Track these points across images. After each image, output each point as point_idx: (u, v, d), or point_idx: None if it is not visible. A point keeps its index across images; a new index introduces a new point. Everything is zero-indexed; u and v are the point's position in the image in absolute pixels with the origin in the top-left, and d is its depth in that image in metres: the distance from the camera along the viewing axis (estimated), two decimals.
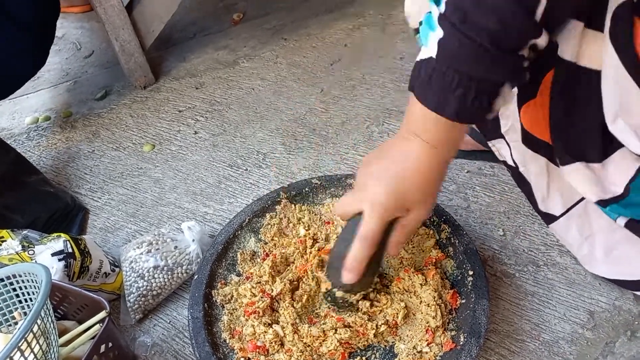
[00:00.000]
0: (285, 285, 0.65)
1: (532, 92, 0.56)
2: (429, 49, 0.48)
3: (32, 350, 0.50)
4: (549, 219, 0.66)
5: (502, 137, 0.66)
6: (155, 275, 0.72)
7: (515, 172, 0.67)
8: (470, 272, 0.65)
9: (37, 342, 0.52)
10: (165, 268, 0.72)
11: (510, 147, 0.65)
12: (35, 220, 0.80)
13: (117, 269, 0.74)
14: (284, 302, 0.64)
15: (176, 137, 1.02)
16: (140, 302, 0.71)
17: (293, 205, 0.76)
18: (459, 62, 0.46)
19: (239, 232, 0.73)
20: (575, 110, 0.52)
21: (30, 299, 0.61)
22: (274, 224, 0.74)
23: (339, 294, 0.60)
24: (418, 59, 0.50)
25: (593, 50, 0.48)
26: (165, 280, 0.72)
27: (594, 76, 0.49)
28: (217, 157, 0.97)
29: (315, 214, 0.76)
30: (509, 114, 0.61)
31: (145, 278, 0.71)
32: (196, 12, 1.38)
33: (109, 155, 1.00)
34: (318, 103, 1.06)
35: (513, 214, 0.80)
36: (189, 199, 0.89)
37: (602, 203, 0.57)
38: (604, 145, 0.52)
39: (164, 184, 0.93)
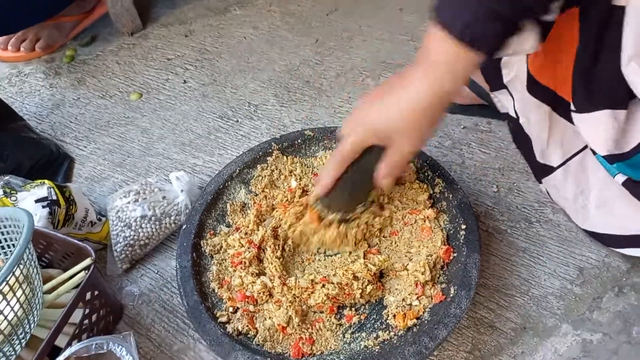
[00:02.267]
0: (266, 231, 0.64)
1: (541, 36, 0.53)
2: None
3: (14, 295, 0.49)
4: (546, 170, 0.65)
5: (505, 87, 0.63)
6: (143, 225, 0.70)
7: (515, 124, 0.65)
8: (463, 227, 0.64)
9: (21, 288, 0.51)
10: (152, 218, 0.71)
11: (513, 98, 0.63)
12: (18, 167, 0.78)
13: (103, 219, 0.73)
14: (268, 252, 0.63)
15: (164, 86, 0.98)
16: (127, 252, 0.70)
17: (285, 157, 0.74)
18: None
19: (229, 183, 0.71)
20: (605, 52, 0.49)
21: (13, 245, 0.59)
22: (265, 176, 0.72)
23: (316, 206, 0.61)
24: None
25: None
26: (153, 230, 0.71)
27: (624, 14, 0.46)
28: (206, 107, 0.94)
29: (307, 167, 0.74)
30: (513, 63, 0.59)
31: (132, 228, 0.70)
32: None
33: (94, 103, 0.96)
34: (312, 54, 1.02)
35: (507, 171, 0.79)
36: (177, 150, 0.87)
37: (610, 159, 0.55)
38: (630, 90, 0.50)
39: (152, 133, 0.90)
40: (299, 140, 0.75)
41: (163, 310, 0.67)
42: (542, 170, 0.65)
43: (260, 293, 0.60)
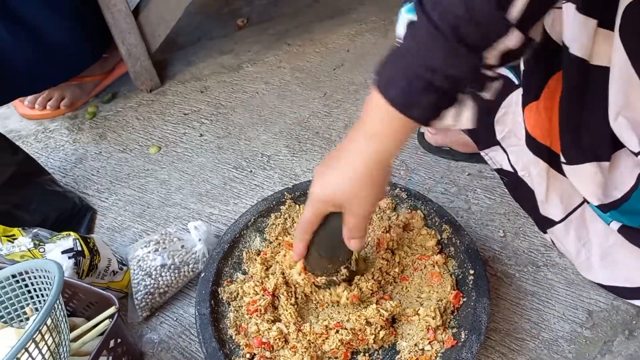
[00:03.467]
0: (277, 279, 0.67)
1: (536, 93, 0.57)
2: (401, 32, 0.49)
3: (45, 343, 0.51)
4: (548, 223, 0.67)
5: (497, 144, 0.67)
6: (162, 274, 0.73)
7: (512, 177, 0.68)
8: (471, 272, 0.66)
9: (51, 336, 0.53)
10: (172, 266, 0.74)
11: (507, 153, 0.66)
12: (44, 219, 0.82)
13: (124, 268, 0.76)
14: (282, 300, 0.65)
15: (182, 139, 1.04)
16: (148, 300, 0.73)
17: (297, 206, 0.78)
18: (418, 47, 0.44)
19: (245, 232, 0.75)
20: (587, 108, 0.52)
21: (41, 295, 0.62)
22: (279, 224, 0.76)
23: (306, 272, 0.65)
24: None
25: (604, 48, 0.49)
26: (172, 278, 0.74)
27: (606, 74, 0.50)
28: (222, 159, 0.98)
29: None
30: (507, 120, 0.63)
31: (153, 276, 0.73)
32: (201, 17, 1.40)
33: (115, 156, 1.01)
34: (321, 107, 1.08)
35: (513, 216, 0.82)
36: (194, 200, 0.91)
37: (602, 208, 0.58)
38: (614, 142, 0.53)
39: (170, 185, 0.94)
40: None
41: (182, 358, 0.68)
42: (545, 222, 0.68)
43: (276, 339, 0.62)
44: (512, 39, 0.43)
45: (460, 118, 0.47)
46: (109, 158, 1.01)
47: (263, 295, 0.65)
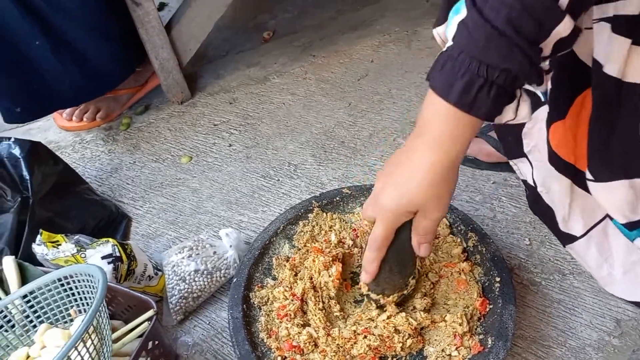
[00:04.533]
0: (305, 284, 0.69)
1: (562, 112, 0.58)
2: (450, 35, 0.48)
3: (92, 342, 0.55)
4: (569, 239, 0.67)
5: (525, 155, 0.68)
6: (196, 279, 0.76)
7: (533, 192, 0.68)
8: (498, 279, 0.67)
9: (96, 336, 0.57)
10: (205, 272, 0.77)
11: (532, 167, 0.67)
12: (83, 226, 0.86)
13: (159, 273, 0.79)
14: (311, 305, 0.67)
15: (212, 149, 1.07)
16: (182, 304, 0.76)
17: (325, 214, 0.80)
18: (472, 44, 0.44)
19: (274, 239, 0.77)
20: (619, 125, 0.52)
21: (84, 298, 0.66)
22: (307, 231, 0.78)
23: (373, 296, 0.64)
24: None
25: (638, 66, 0.49)
26: (205, 283, 0.77)
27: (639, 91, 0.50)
28: (250, 168, 1.02)
29: (345, 222, 0.80)
30: (534, 133, 0.63)
31: (187, 281, 0.76)
32: (228, 31, 1.45)
33: (149, 166, 1.06)
34: (346, 116, 1.10)
35: (539, 224, 0.82)
36: (224, 208, 0.94)
37: (628, 226, 0.58)
38: None
39: (201, 193, 0.98)
40: (338, 198, 0.81)
41: None
42: (565, 238, 0.68)
43: (306, 343, 0.64)
44: (565, 27, 0.42)
45: (520, 112, 0.47)
46: (142, 167, 1.06)
47: (292, 300, 0.68)
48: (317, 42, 1.35)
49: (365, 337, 0.63)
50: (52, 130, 1.20)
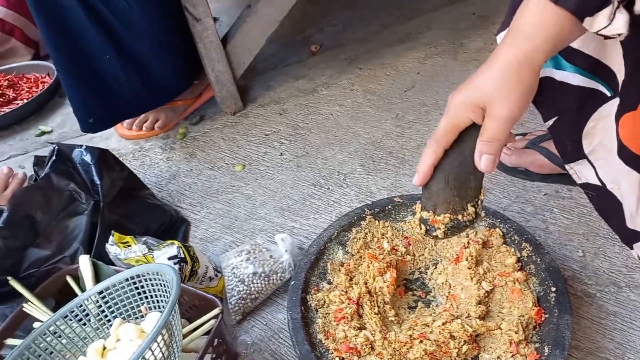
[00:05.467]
0: (361, 288, 0.71)
1: (633, 104, 0.56)
2: None
3: (163, 338, 0.59)
4: (636, 237, 0.67)
5: (584, 157, 0.68)
6: (254, 281, 0.80)
7: (600, 191, 0.68)
8: (553, 289, 0.67)
9: (167, 332, 0.61)
10: (262, 274, 0.80)
11: (595, 167, 0.67)
12: (147, 229, 0.92)
13: (219, 274, 0.83)
14: (366, 309, 0.69)
15: (264, 158, 1.12)
16: (241, 305, 0.79)
17: (377, 221, 0.83)
18: None
19: (329, 244, 0.80)
20: None
21: (153, 296, 0.70)
22: (360, 238, 0.81)
23: (423, 214, 0.58)
24: None
25: None
26: (263, 285, 0.80)
27: None
28: (301, 176, 1.05)
29: (397, 230, 0.82)
30: (596, 132, 0.63)
31: (245, 283, 0.80)
32: (277, 45, 1.50)
33: (205, 173, 1.11)
34: (393, 127, 1.12)
35: (592, 236, 0.82)
36: (277, 214, 0.98)
37: None
38: None
39: (255, 200, 1.02)
40: (389, 206, 0.83)
41: (272, 359, 0.74)
42: (632, 236, 0.68)
43: (363, 345, 0.66)
44: None
45: (615, 21, 0.45)
46: (199, 175, 1.11)
47: (349, 304, 0.70)
48: (363, 55, 1.38)
49: (421, 341, 0.65)
50: (113, 138, 1.27)
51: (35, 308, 0.73)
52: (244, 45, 1.20)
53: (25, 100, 1.43)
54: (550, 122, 0.66)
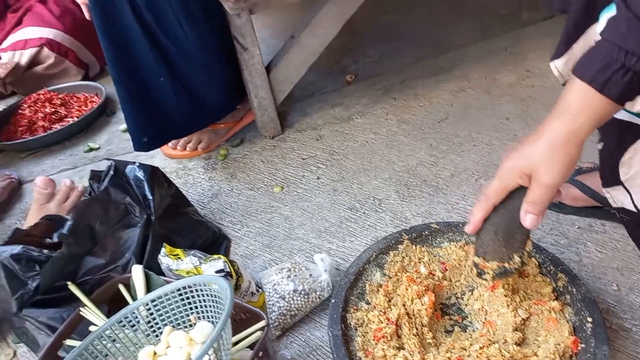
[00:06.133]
0: (400, 310, 0.74)
1: None
2: (599, 30, 0.53)
3: (221, 346, 0.62)
4: None
5: (620, 184, 0.70)
6: (294, 298, 0.83)
7: (635, 217, 0.70)
8: (589, 319, 0.69)
9: (217, 342, 0.64)
10: (302, 292, 0.84)
11: (630, 193, 0.69)
12: (192, 244, 0.96)
13: (260, 290, 0.87)
14: (405, 329, 0.72)
15: (301, 181, 1.17)
16: (280, 320, 0.83)
17: (414, 246, 0.86)
18: (615, 33, 0.49)
19: (367, 266, 0.83)
20: None
21: (201, 306, 0.74)
22: (397, 261, 0.84)
23: (475, 258, 0.68)
24: None
25: None
26: (302, 302, 0.83)
27: None
28: (337, 200, 1.09)
29: (434, 255, 0.85)
30: (633, 163, 0.66)
31: (286, 299, 0.83)
32: (314, 74, 1.56)
33: (245, 193, 1.16)
34: (427, 156, 1.16)
35: (627, 271, 0.83)
36: (314, 235, 1.02)
37: None
38: None
39: (293, 221, 1.06)
40: (426, 232, 0.87)
41: None
42: None
43: None
44: None
45: None
46: (239, 195, 1.16)
47: (387, 324, 0.73)
48: (397, 86, 1.43)
49: None
50: (158, 157, 1.34)
51: (91, 312, 0.78)
52: (286, 73, 1.27)
53: (76, 119, 1.52)
54: (599, 145, 0.70)
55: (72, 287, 0.79)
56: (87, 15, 1.35)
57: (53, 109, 1.55)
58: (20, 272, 0.76)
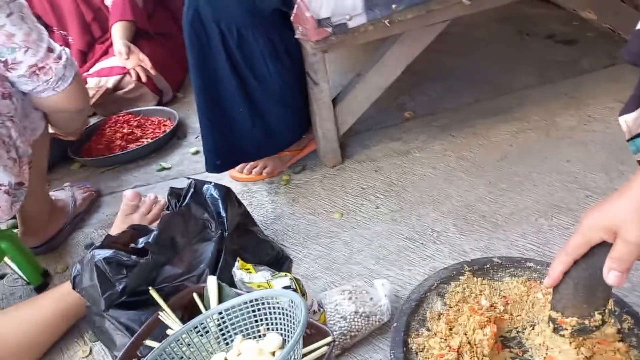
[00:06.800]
0: (462, 338, 0.75)
1: None
2: None
3: (296, 356, 0.67)
4: None
5: None
6: (355, 319, 0.87)
7: None
8: None
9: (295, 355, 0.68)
10: (363, 314, 0.87)
11: None
12: (259, 261, 1.02)
13: (321, 309, 0.91)
14: (466, 357, 0.74)
15: (360, 209, 1.21)
16: (341, 340, 0.86)
17: (475, 278, 0.88)
18: None
19: (428, 294, 0.86)
20: None
21: (269, 318, 0.79)
22: (459, 292, 0.86)
23: (552, 313, 0.68)
24: None
25: None
26: (362, 324, 0.87)
27: None
28: (396, 229, 1.13)
29: (495, 289, 0.87)
30: None
31: (347, 320, 0.87)
32: (374, 109, 1.61)
33: (306, 218, 1.22)
34: (486, 193, 1.18)
35: None
36: (373, 262, 1.05)
37: None
38: None
39: (352, 246, 1.11)
40: (488, 265, 0.89)
41: None
42: None
43: None
44: None
45: None
46: (300, 218, 1.22)
47: (449, 351, 0.75)
48: (456, 124, 1.47)
49: None
50: (225, 179, 1.42)
51: (168, 317, 0.84)
52: (350, 107, 1.34)
53: (150, 140, 1.64)
54: None
55: (153, 292, 0.86)
56: (143, 78, 1.57)
57: (130, 130, 1.68)
58: (110, 274, 0.84)
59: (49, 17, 1.91)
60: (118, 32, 1.81)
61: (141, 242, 0.88)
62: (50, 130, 1.22)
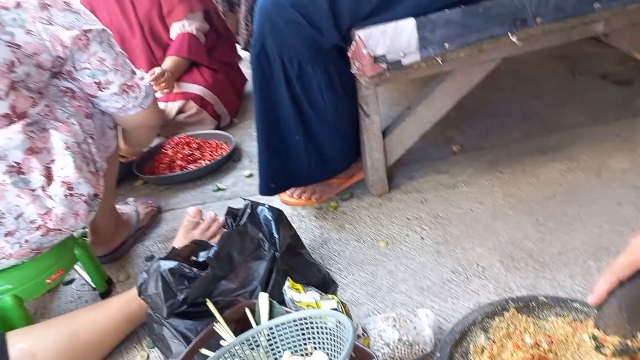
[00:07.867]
0: None
1: None
2: None
3: None
4: None
5: None
6: (398, 347, 0.89)
7: None
8: None
9: None
10: (406, 342, 0.90)
11: None
12: (307, 283, 1.07)
13: (365, 335, 0.94)
14: None
15: (405, 239, 1.24)
16: None
17: (520, 315, 0.89)
18: None
19: (472, 327, 0.88)
20: None
21: (316, 337, 0.83)
22: (503, 327, 0.87)
23: (595, 331, 0.69)
24: None
25: None
26: (405, 352, 0.89)
27: None
28: (440, 262, 1.15)
29: (539, 327, 0.87)
30: None
31: (390, 347, 0.89)
32: (422, 141, 1.66)
33: (352, 244, 1.26)
34: (534, 231, 1.19)
35: None
36: (417, 292, 1.08)
37: None
38: None
39: (396, 275, 1.13)
40: (533, 303, 0.89)
41: None
42: None
43: None
44: None
45: None
46: (347, 244, 1.26)
47: None
48: (504, 160, 1.49)
49: None
50: (275, 202, 1.49)
51: (222, 329, 0.90)
52: (399, 139, 1.39)
53: (208, 162, 1.75)
54: None
55: (210, 305, 0.92)
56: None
57: (190, 152, 1.79)
58: (173, 284, 0.91)
59: None
60: (168, 63, 1.95)
61: (202, 256, 0.95)
62: None
